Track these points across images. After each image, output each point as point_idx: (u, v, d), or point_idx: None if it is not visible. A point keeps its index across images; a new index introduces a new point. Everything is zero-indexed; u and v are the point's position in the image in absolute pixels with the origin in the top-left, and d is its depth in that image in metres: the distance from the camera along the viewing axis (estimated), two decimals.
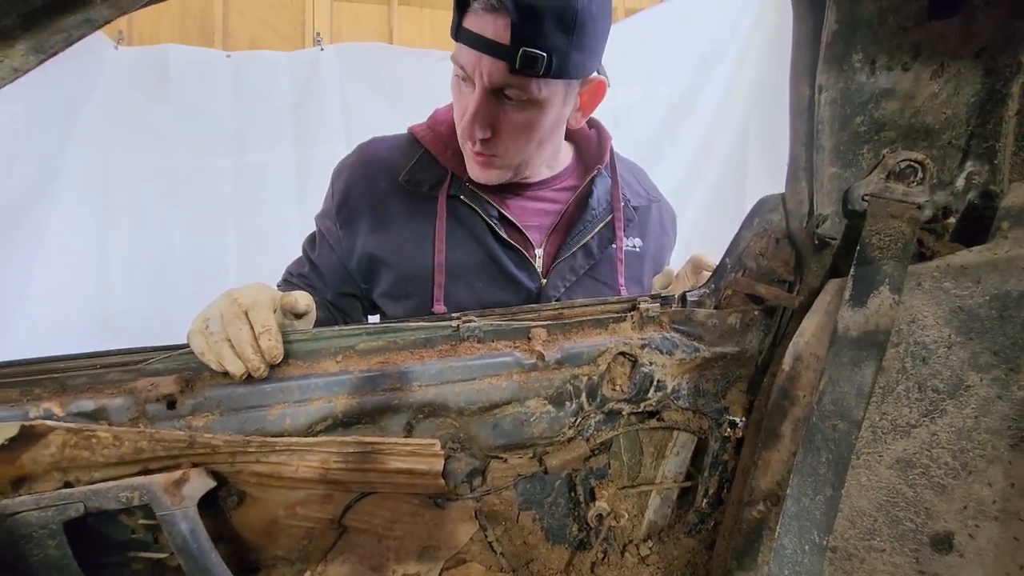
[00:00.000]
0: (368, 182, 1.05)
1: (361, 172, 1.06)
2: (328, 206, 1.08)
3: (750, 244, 0.80)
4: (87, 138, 2.25)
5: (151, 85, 2.36)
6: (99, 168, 2.27)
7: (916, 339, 0.69)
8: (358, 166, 1.07)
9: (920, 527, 0.67)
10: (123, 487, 0.63)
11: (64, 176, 2.20)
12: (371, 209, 1.04)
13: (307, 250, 1.13)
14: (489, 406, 0.74)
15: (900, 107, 0.68)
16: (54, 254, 2.16)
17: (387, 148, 1.08)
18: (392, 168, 1.04)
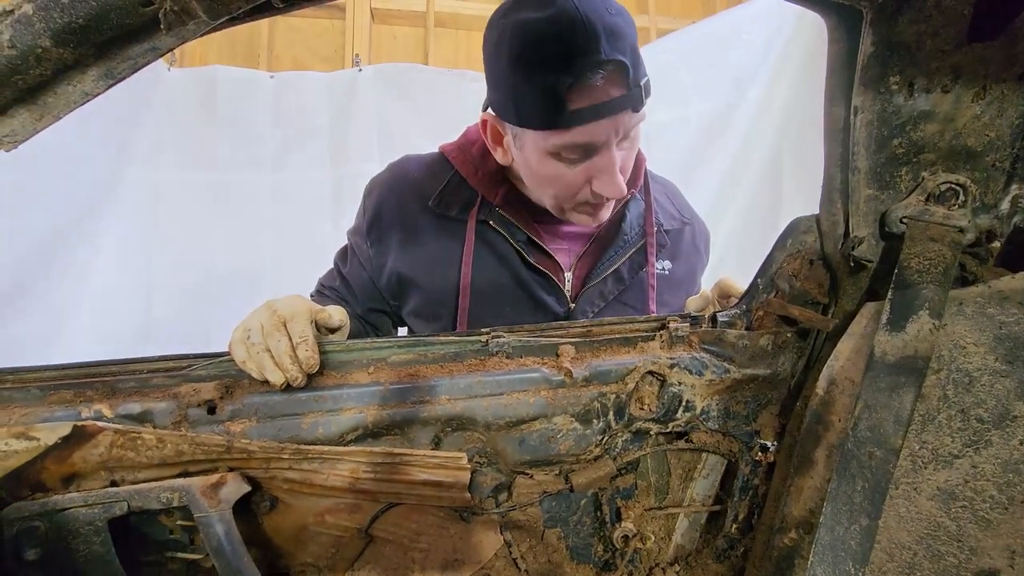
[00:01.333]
0: (399, 202, 1.05)
1: (392, 191, 1.06)
2: (359, 223, 1.09)
3: (783, 265, 0.79)
4: (139, 156, 2.38)
5: (200, 104, 2.48)
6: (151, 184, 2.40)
7: (959, 366, 0.67)
8: (389, 185, 1.08)
9: (963, 563, 0.64)
10: (164, 488, 0.65)
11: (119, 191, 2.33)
12: (401, 229, 1.04)
13: (339, 264, 1.15)
14: (516, 421, 0.75)
15: (940, 129, 0.67)
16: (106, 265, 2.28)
17: (418, 167, 1.08)
18: (422, 189, 1.04)
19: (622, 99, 0.81)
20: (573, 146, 0.84)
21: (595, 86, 0.79)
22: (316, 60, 2.80)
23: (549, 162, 0.88)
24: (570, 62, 0.77)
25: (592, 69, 0.78)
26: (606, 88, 0.79)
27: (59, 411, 0.65)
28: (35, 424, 0.64)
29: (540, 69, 0.79)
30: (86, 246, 2.23)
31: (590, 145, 0.84)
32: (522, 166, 0.94)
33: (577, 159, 0.86)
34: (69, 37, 0.46)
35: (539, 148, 0.86)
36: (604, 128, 0.82)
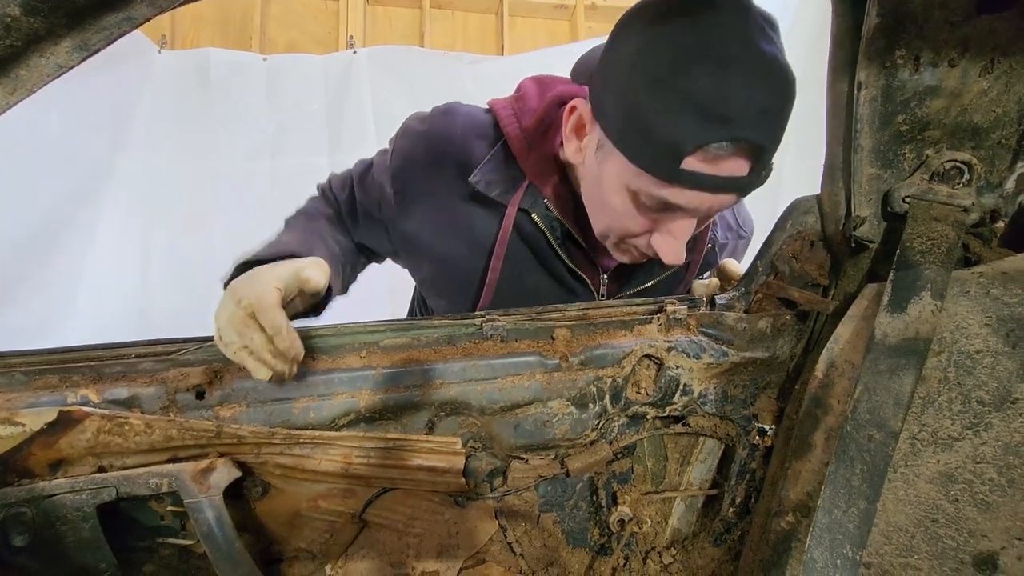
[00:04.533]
0: (436, 163, 0.90)
1: (429, 149, 0.91)
2: (385, 161, 0.93)
3: (783, 247, 0.77)
4: (133, 141, 2.35)
5: (192, 88, 2.44)
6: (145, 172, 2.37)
7: (960, 348, 0.66)
8: (428, 141, 0.91)
9: (962, 545, 0.64)
10: (153, 474, 0.64)
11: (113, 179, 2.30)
12: (431, 194, 0.91)
13: (356, 183, 0.97)
14: (511, 406, 0.74)
15: (946, 105, 0.65)
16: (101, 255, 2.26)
17: (464, 128, 0.92)
18: (464, 154, 0.90)
19: (738, 182, 0.69)
20: (659, 199, 0.72)
21: (721, 157, 0.67)
22: (310, 42, 2.75)
23: (622, 195, 0.75)
24: (716, 124, 0.64)
25: (733, 141, 0.66)
26: (730, 164, 0.68)
27: (44, 396, 0.64)
28: (20, 409, 0.63)
29: (678, 115, 0.65)
30: (81, 236, 2.21)
31: (676, 207, 0.73)
32: (589, 178, 0.81)
33: (653, 210, 0.75)
34: (39, 5, 0.44)
35: (621, 178, 0.74)
36: (702, 199, 0.71)
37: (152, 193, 2.37)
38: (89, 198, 2.23)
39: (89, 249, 2.24)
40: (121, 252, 2.30)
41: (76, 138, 2.15)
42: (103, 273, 2.24)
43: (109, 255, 2.26)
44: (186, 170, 2.40)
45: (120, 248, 2.30)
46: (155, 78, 2.40)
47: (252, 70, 2.50)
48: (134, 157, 2.35)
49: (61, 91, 2.13)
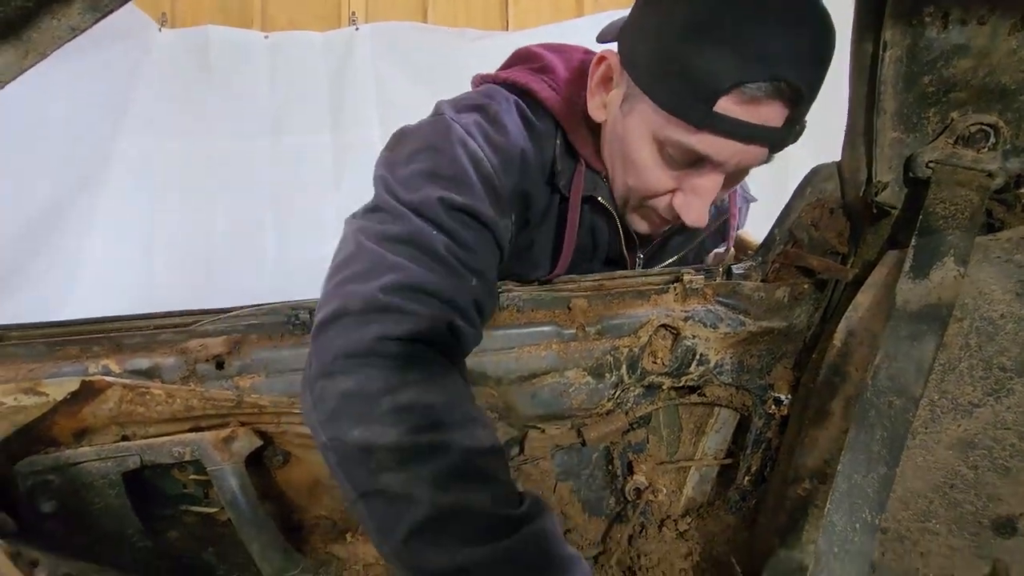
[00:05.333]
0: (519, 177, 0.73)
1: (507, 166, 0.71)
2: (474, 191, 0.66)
3: (802, 215, 0.76)
4: (134, 122, 2.32)
5: (193, 67, 2.41)
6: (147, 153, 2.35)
7: (983, 314, 0.65)
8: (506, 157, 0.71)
9: (981, 510, 0.64)
10: (176, 442, 0.65)
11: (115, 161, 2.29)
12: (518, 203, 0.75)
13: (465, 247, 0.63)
14: (528, 375, 0.74)
15: (973, 65, 0.63)
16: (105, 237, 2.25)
17: (517, 128, 0.74)
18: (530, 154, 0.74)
19: (772, 132, 0.65)
20: (687, 148, 0.67)
21: (758, 100, 0.63)
22: (311, 19, 2.70)
23: (648, 148, 0.70)
24: (756, 63, 0.61)
25: (772, 81, 0.61)
26: (766, 109, 0.64)
27: (66, 367, 0.65)
28: (43, 380, 0.63)
29: (716, 53, 0.61)
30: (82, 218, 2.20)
31: (704, 158, 0.68)
32: (612, 134, 0.74)
33: (680, 163, 0.70)
34: None
35: (649, 127, 0.69)
36: (733, 150, 0.66)
37: (154, 174, 2.35)
38: (90, 180, 2.22)
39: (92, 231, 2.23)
40: (124, 234, 2.29)
41: (77, 119, 2.13)
42: (106, 256, 2.24)
43: (112, 237, 2.26)
44: (188, 150, 2.39)
45: (123, 230, 2.29)
46: (155, 57, 2.37)
47: (253, 48, 2.46)
48: (135, 138, 2.33)
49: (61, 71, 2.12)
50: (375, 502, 0.53)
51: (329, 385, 0.55)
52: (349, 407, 0.54)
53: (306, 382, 0.57)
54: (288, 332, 0.70)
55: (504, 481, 0.56)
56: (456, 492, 0.52)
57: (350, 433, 0.53)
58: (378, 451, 0.53)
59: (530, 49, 0.84)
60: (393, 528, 0.51)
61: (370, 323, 0.55)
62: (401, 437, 0.53)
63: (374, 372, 0.54)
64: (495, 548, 0.50)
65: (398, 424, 0.53)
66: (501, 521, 0.52)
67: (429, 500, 0.51)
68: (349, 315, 0.56)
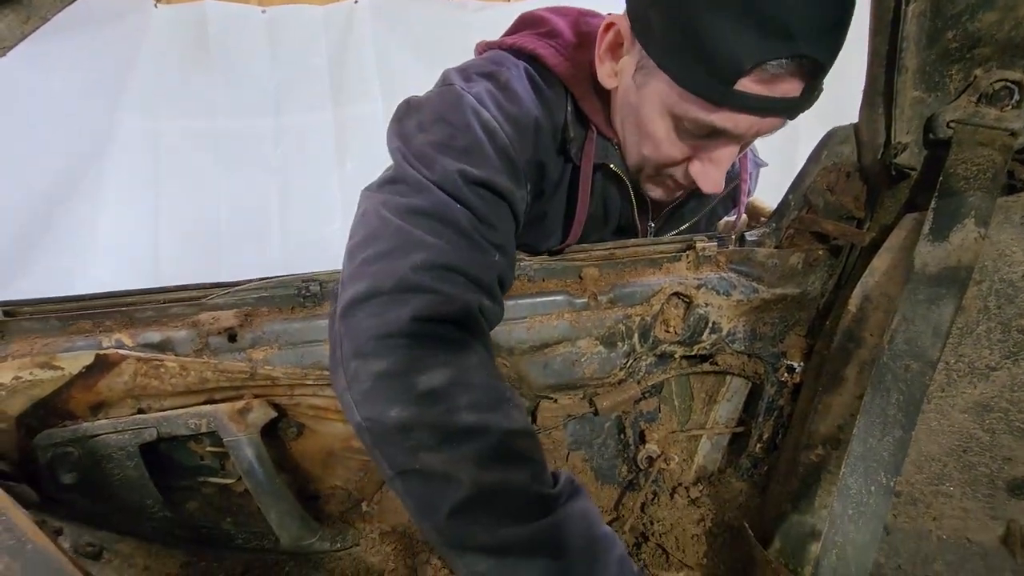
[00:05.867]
0: (533, 144, 0.72)
1: (519, 132, 0.70)
2: (490, 161, 0.65)
3: (817, 179, 0.75)
4: (134, 101, 2.30)
5: (190, 43, 2.37)
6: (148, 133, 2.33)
7: (1002, 276, 0.64)
8: (517, 124, 0.70)
9: (996, 472, 0.64)
10: (192, 414, 0.65)
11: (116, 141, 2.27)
12: (533, 173, 0.74)
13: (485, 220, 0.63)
14: (540, 345, 0.74)
15: (999, 18, 0.61)
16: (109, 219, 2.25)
17: (527, 93, 0.72)
18: (545, 124, 0.73)
19: (791, 103, 0.63)
20: (704, 123, 0.66)
21: (778, 76, 0.61)
22: None
23: (663, 121, 0.69)
24: (778, 40, 0.58)
25: (793, 58, 0.59)
26: (785, 84, 0.61)
27: (80, 341, 0.65)
28: (57, 354, 0.63)
29: (738, 28, 0.58)
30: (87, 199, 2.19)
31: (722, 131, 0.66)
32: (625, 103, 0.72)
33: (696, 135, 0.68)
34: None
35: (664, 102, 0.67)
36: (750, 123, 0.65)
37: (156, 152, 2.34)
38: (93, 158, 2.21)
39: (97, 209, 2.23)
40: (129, 211, 2.29)
41: (76, 98, 2.11)
42: (112, 239, 2.24)
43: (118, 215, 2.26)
44: (189, 128, 2.37)
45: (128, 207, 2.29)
46: (152, 34, 2.33)
47: (251, 23, 2.42)
48: (136, 116, 2.31)
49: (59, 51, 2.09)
50: (413, 481, 0.53)
51: (363, 366, 0.54)
52: (385, 387, 0.54)
53: (338, 362, 0.56)
54: (299, 304, 0.70)
55: (540, 461, 0.56)
56: (496, 472, 0.53)
57: (387, 413, 0.53)
58: (416, 431, 0.53)
59: (535, 13, 0.81)
60: (434, 507, 0.52)
61: (403, 303, 0.55)
62: (439, 417, 0.53)
63: (409, 352, 0.54)
64: (536, 527, 0.51)
65: (436, 404, 0.53)
66: (540, 500, 0.53)
67: (470, 480, 0.51)
68: (381, 295, 0.56)
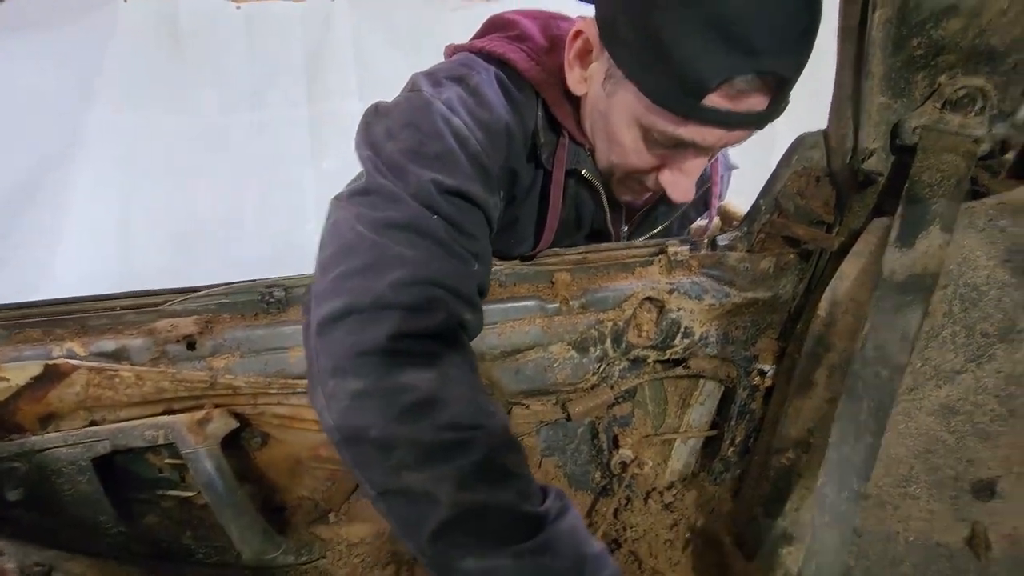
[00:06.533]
0: (506, 151, 0.71)
1: (492, 139, 0.69)
2: (461, 170, 0.63)
3: (787, 183, 0.75)
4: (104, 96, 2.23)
5: (162, 39, 2.32)
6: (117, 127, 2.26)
7: (966, 280, 0.65)
8: (489, 132, 0.68)
9: (961, 474, 0.65)
10: (148, 426, 0.63)
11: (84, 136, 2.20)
12: (505, 180, 0.74)
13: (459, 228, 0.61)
14: (511, 351, 0.73)
15: (963, 26, 0.61)
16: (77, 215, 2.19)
17: (498, 99, 0.71)
18: (516, 130, 0.72)
19: (758, 116, 0.64)
20: (673, 136, 0.66)
21: (744, 92, 0.61)
22: None
23: (632, 131, 0.68)
24: (744, 56, 0.58)
25: (761, 74, 0.60)
26: (751, 99, 0.62)
27: (27, 350, 0.62)
28: (3, 364, 0.60)
29: (704, 45, 0.58)
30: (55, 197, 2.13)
31: (690, 143, 0.67)
32: (595, 110, 0.71)
33: (665, 145, 0.68)
34: None
35: (633, 112, 0.67)
36: (717, 136, 0.65)
37: (126, 149, 2.27)
38: (61, 156, 2.14)
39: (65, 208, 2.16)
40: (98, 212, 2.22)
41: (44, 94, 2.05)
42: (81, 236, 2.18)
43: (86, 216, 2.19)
44: (160, 123, 2.31)
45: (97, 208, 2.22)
46: (121, 29, 2.27)
47: (225, 18, 2.37)
48: (105, 112, 2.24)
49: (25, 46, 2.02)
50: (396, 501, 0.52)
51: (342, 384, 0.53)
52: (364, 406, 0.52)
53: (315, 379, 0.55)
54: (262, 311, 0.68)
55: (526, 476, 0.55)
56: (480, 491, 0.51)
57: (367, 432, 0.52)
58: (396, 450, 0.51)
59: (505, 16, 0.80)
60: (417, 528, 0.51)
61: (381, 321, 0.54)
62: (421, 435, 0.51)
63: (389, 370, 0.53)
64: (522, 548, 0.50)
65: (416, 423, 0.52)
66: (526, 519, 0.52)
67: (452, 500, 0.50)
68: (359, 312, 0.54)
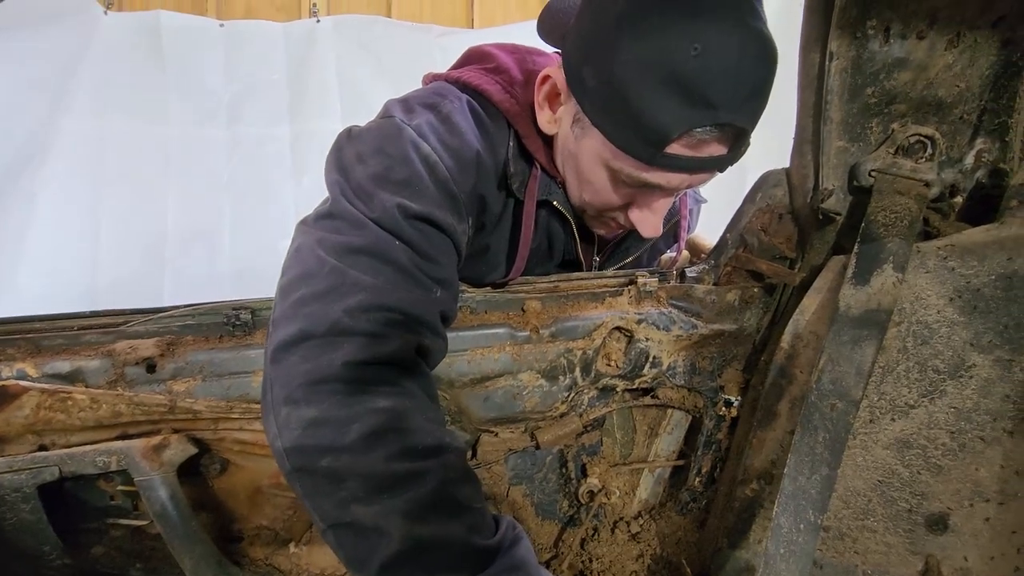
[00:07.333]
0: (475, 180, 0.72)
1: (463, 170, 0.70)
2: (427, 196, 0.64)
3: (752, 219, 0.78)
4: (78, 106, 2.20)
5: (143, 53, 2.30)
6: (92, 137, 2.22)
7: (919, 318, 0.67)
8: (460, 161, 0.69)
9: (915, 507, 0.66)
10: (100, 451, 0.61)
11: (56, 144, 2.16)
12: (476, 212, 0.74)
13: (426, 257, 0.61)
14: (481, 378, 0.73)
15: (913, 78, 0.65)
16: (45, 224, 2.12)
17: (471, 131, 0.72)
18: (487, 160, 0.73)
19: (719, 160, 0.66)
20: (639, 180, 0.68)
21: (704, 142, 0.64)
22: (270, 9, 2.62)
23: (601, 172, 0.71)
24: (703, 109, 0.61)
25: (719, 126, 0.62)
26: (711, 147, 0.65)
27: None
28: None
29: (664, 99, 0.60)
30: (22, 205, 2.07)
31: (655, 186, 0.69)
32: (565, 150, 0.74)
33: (632, 186, 0.71)
34: None
35: (601, 156, 0.69)
36: (681, 179, 0.68)
37: (99, 160, 2.23)
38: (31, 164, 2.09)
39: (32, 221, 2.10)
40: (66, 223, 2.16)
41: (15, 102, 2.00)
42: (48, 247, 2.11)
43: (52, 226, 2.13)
44: (137, 136, 2.27)
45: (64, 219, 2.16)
46: (101, 40, 2.25)
47: (207, 35, 2.37)
48: (79, 121, 2.20)
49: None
50: (345, 534, 0.51)
51: (294, 413, 0.52)
52: (316, 435, 0.51)
53: (268, 407, 0.54)
54: (227, 333, 0.67)
55: (479, 509, 0.55)
56: (430, 524, 0.51)
57: (318, 463, 0.51)
58: (348, 481, 0.50)
59: (483, 48, 0.82)
60: (365, 561, 0.50)
61: (336, 348, 0.53)
62: (372, 467, 0.51)
63: (342, 399, 0.52)
64: None
65: (368, 453, 0.51)
66: (477, 552, 0.51)
67: (402, 533, 0.49)
68: (313, 338, 0.53)
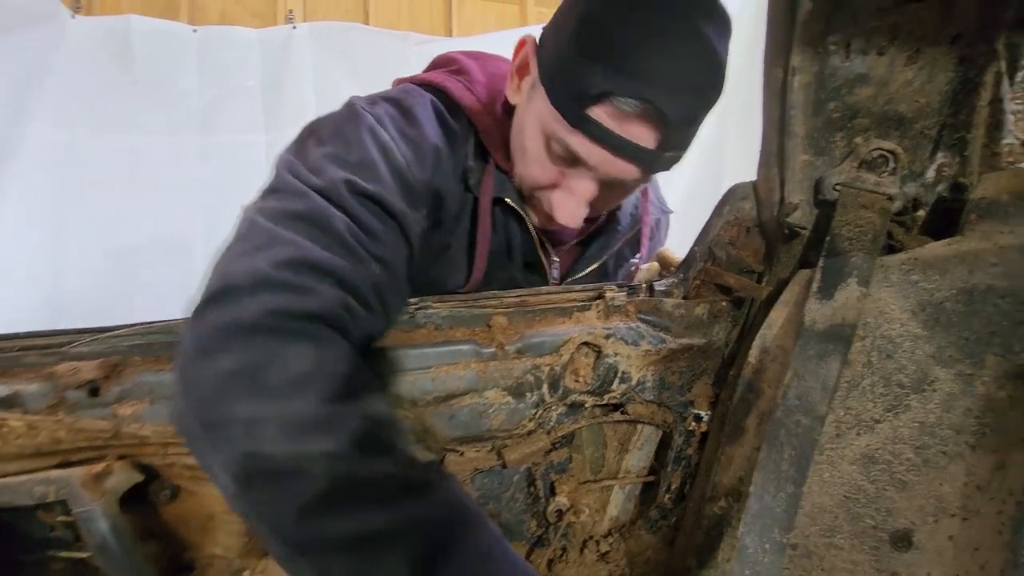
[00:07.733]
0: (425, 168, 0.73)
1: (419, 160, 0.71)
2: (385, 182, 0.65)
3: (720, 233, 0.77)
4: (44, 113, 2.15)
5: (112, 58, 2.26)
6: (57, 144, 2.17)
7: (883, 333, 0.67)
8: (417, 151, 0.71)
9: (880, 524, 0.66)
10: (38, 481, 0.58)
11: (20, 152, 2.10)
12: (431, 200, 0.75)
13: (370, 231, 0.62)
14: (445, 396, 0.71)
15: (874, 93, 0.66)
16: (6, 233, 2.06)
17: (432, 128, 0.74)
18: (443, 152, 0.75)
19: (641, 151, 0.68)
20: (565, 145, 0.70)
21: (628, 116, 0.66)
22: (245, 15, 2.58)
23: (538, 140, 0.73)
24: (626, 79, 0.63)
25: (641, 101, 0.64)
26: (636, 128, 0.66)
27: None
28: None
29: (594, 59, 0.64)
30: None
31: (579, 159, 0.71)
32: (517, 121, 0.77)
33: (561, 159, 0.73)
34: None
35: (540, 120, 0.72)
36: (602, 157, 0.69)
37: (67, 169, 2.17)
38: None
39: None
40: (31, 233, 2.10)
41: None
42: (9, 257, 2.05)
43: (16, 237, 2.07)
44: (105, 144, 2.22)
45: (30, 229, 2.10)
46: (68, 45, 2.20)
47: (180, 42, 2.33)
48: (45, 129, 2.15)
49: None
50: (260, 484, 0.47)
51: (206, 366, 0.48)
52: (231, 386, 0.47)
53: (177, 367, 0.50)
54: None
55: (405, 450, 0.53)
56: (354, 462, 0.48)
57: (232, 411, 0.47)
58: (266, 426, 0.47)
59: (449, 55, 0.86)
60: (282, 509, 0.46)
61: (257, 297, 0.50)
62: (292, 410, 0.47)
63: (261, 345, 0.48)
64: (401, 511, 0.47)
65: (291, 396, 0.48)
66: (406, 485, 0.49)
67: (324, 472, 0.46)
68: (234, 290, 0.50)
